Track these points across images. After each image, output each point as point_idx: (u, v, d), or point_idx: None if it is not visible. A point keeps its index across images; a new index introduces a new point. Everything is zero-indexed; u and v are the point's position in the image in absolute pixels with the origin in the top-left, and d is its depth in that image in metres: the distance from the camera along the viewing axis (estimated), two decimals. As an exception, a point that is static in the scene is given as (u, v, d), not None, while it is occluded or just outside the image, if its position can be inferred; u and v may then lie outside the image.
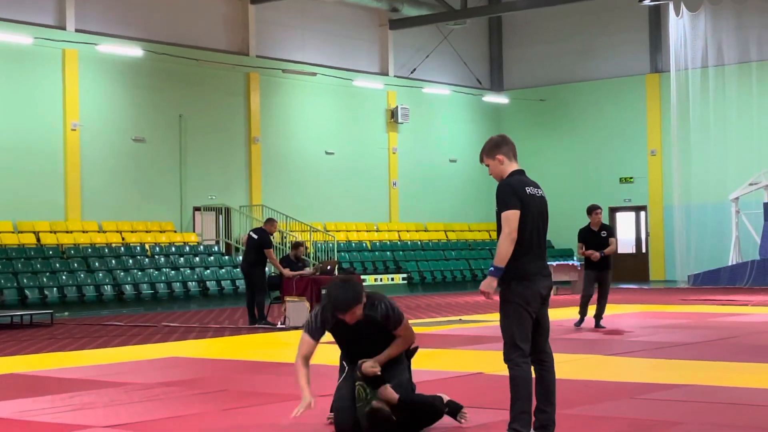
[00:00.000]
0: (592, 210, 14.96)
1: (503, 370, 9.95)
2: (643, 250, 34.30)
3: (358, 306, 6.58)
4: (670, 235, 32.14)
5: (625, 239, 34.71)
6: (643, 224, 34.34)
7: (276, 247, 26.24)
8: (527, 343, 6.21)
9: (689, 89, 30.63)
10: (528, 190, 6.33)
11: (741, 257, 29.25)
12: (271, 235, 17.58)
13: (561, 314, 18.01)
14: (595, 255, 14.61)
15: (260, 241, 17.15)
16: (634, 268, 33.66)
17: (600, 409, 7.74)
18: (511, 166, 6.46)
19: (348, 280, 6.67)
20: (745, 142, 31.19)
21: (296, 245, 18.01)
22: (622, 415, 7.39)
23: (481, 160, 6.58)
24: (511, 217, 6.20)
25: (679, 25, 30.24)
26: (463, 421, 6.95)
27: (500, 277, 6.20)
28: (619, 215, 34.63)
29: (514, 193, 6.27)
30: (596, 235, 14.80)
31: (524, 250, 6.22)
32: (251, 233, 17.62)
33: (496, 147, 6.47)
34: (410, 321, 17.09)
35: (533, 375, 6.24)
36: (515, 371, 6.16)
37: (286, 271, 16.92)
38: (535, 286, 6.23)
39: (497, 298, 6.33)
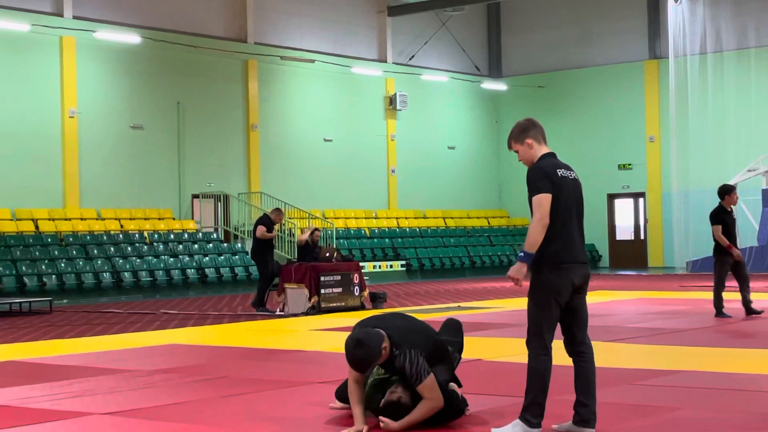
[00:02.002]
0: (731, 189, 14.22)
1: (502, 357, 9.98)
2: (642, 237, 34.33)
3: (374, 362, 6.31)
4: (669, 222, 32.16)
5: (623, 226, 34.78)
6: (641, 211, 34.36)
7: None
8: (551, 334, 6.02)
9: (688, 76, 30.60)
10: (560, 172, 6.04)
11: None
12: (276, 224, 17.88)
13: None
14: (737, 253, 14.17)
15: (256, 223, 17.59)
16: (633, 255, 33.72)
17: (599, 394, 7.72)
18: (542, 150, 6.16)
19: (363, 340, 6.27)
20: (744, 128, 31.19)
21: (312, 231, 18.70)
22: (621, 401, 7.39)
23: (510, 147, 6.27)
24: (543, 201, 5.91)
25: (677, 12, 30.20)
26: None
27: (532, 263, 5.98)
28: (617, 202, 34.65)
29: (546, 176, 5.96)
30: (731, 216, 14.45)
31: (557, 236, 5.94)
32: None
33: (524, 131, 6.17)
34: (409, 308, 17.04)
35: (550, 366, 6.05)
36: (533, 362, 6.01)
37: (270, 234, 17.32)
38: (567, 274, 5.99)
39: (527, 284, 6.16)
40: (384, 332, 6.37)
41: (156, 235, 25.49)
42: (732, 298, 18.41)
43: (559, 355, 6.31)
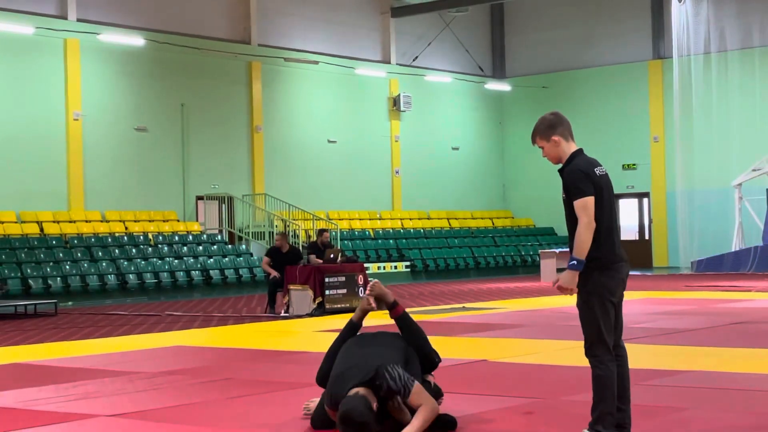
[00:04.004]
0: None
1: (507, 358, 9.97)
2: (646, 237, 34.30)
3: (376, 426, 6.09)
4: (673, 222, 32.13)
5: (628, 226, 34.74)
6: (646, 211, 34.33)
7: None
8: (612, 337, 5.83)
9: (692, 75, 30.57)
10: (597, 171, 5.87)
11: (744, 243, 29.24)
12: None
13: (560, 301, 18.00)
14: None
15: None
16: (638, 255, 33.66)
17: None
18: (570, 147, 5.93)
19: (348, 415, 5.96)
20: (748, 127, 31.17)
21: (320, 232, 18.86)
22: (627, 402, 7.38)
23: (534, 142, 6.04)
24: (588, 204, 5.71)
25: (681, 11, 30.17)
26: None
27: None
28: (622, 202, 34.61)
29: (587, 177, 5.77)
30: None
31: (603, 237, 5.78)
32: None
33: (551, 127, 5.92)
34: (413, 309, 17.05)
35: (616, 371, 5.85)
36: (601, 370, 5.77)
37: (271, 271, 17.41)
38: (618, 274, 5.84)
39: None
40: (364, 393, 6.09)
41: (160, 237, 25.50)
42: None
43: (565, 356, 6.31)
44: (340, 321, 15.15)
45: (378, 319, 14.18)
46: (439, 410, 6.31)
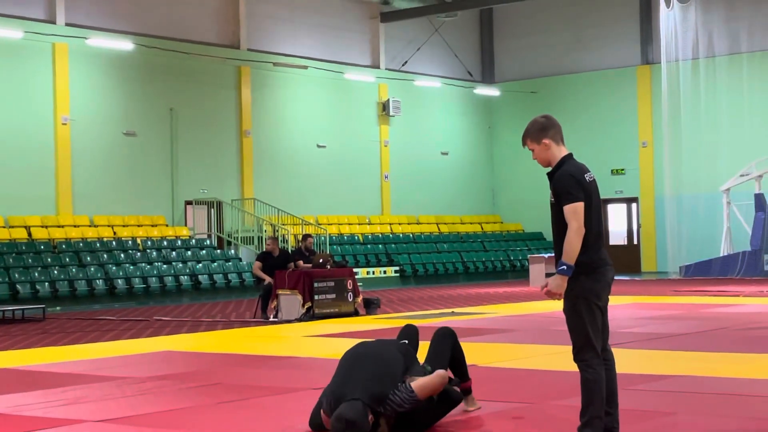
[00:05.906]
0: None
1: (496, 362, 9.97)
2: (635, 242, 34.36)
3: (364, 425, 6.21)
4: (662, 227, 32.19)
5: (616, 231, 34.81)
6: (634, 216, 34.40)
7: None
8: (600, 341, 5.84)
9: (680, 81, 30.64)
10: (587, 177, 5.91)
11: (732, 248, 29.30)
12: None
13: (549, 305, 18.01)
14: None
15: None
16: (626, 260, 33.73)
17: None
18: (560, 151, 5.95)
19: (341, 415, 6.14)
20: (736, 133, 31.25)
21: (304, 237, 19.05)
22: (615, 406, 7.38)
23: (524, 144, 6.05)
24: (578, 209, 5.74)
25: (669, 17, 30.23)
26: (471, 409, 7.04)
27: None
28: (610, 207, 34.68)
29: (578, 183, 5.80)
30: None
31: (591, 242, 5.80)
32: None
33: (542, 130, 5.93)
34: (403, 314, 17.06)
35: (604, 375, 5.87)
36: (589, 373, 5.79)
37: (265, 277, 17.50)
38: (604, 278, 5.86)
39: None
40: (361, 401, 6.23)
41: (149, 242, 25.45)
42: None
43: (554, 361, 6.30)
44: (329, 326, 15.18)
45: (376, 324, 14.16)
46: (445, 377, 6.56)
